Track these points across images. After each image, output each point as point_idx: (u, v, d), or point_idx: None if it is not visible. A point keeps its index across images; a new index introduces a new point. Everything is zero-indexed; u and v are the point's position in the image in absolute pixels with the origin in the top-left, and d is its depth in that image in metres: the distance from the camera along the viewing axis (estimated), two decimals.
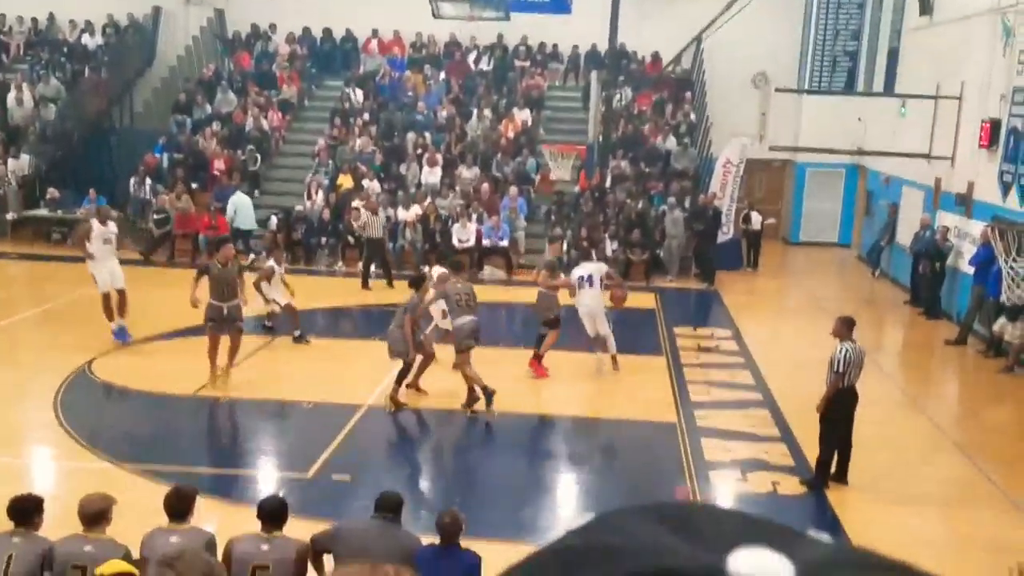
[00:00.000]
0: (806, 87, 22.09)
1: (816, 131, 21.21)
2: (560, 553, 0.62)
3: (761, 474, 8.82)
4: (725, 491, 8.52)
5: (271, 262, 12.29)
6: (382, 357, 12.12)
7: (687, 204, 19.22)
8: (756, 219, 20.38)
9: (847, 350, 8.11)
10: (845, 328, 8.19)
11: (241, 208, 17.96)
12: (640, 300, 16.67)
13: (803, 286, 18.98)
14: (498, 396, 10.70)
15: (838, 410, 8.26)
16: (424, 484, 8.62)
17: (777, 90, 18.33)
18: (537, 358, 11.37)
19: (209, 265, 10.75)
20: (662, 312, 15.80)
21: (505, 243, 18.42)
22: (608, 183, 19.91)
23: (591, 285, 11.44)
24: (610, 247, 18.49)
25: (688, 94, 22.45)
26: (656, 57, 22.91)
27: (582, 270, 11.90)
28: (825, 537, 0.63)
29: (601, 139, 20.04)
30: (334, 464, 8.57)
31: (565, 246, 18.47)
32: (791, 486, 8.58)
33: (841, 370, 8.07)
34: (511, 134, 21.24)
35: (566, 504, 8.28)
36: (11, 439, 8.94)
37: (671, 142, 21.05)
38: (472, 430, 10.12)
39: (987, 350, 13.47)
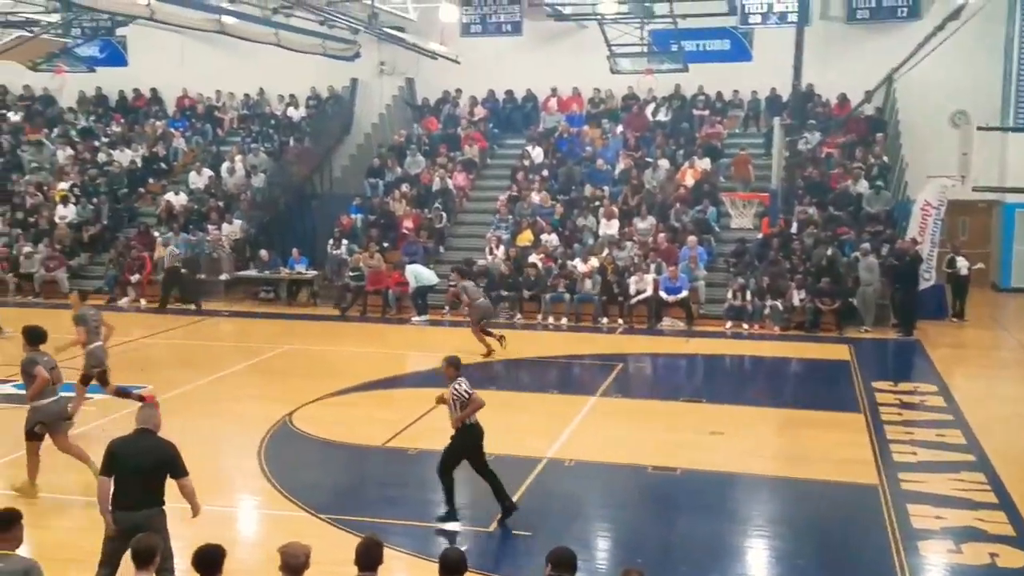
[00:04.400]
0: (1011, 123, 20.51)
1: None
2: None
3: (977, 545, 8.06)
4: (937, 563, 7.81)
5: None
6: (560, 410, 12.21)
7: (883, 250, 18.16)
8: (962, 264, 18.95)
9: (463, 384, 8.38)
10: (453, 368, 8.58)
11: (418, 274, 19.15)
12: (833, 352, 15.85)
13: (1017, 336, 17.34)
14: (680, 451, 10.45)
15: (468, 443, 8.44)
16: (606, 542, 8.44)
17: (979, 128, 17.03)
18: None
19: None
20: (857, 365, 14.89)
21: (685, 294, 18.07)
22: (794, 229, 19.18)
23: None
24: (797, 296, 17.73)
25: (880, 135, 21.38)
26: (844, 99, 22.03)
27: None
28: None
29: (785, 184, 19.39)
30: (515, 518, 8.58)
31: (748, 295, 17.94)
32: (1012, 559, 7.78)
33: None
34: (689, 182, 20.96)
35: (756, 570, 7.84)
36: (218, 487, 9.51)
37: (863, 185, 20.07)
38: (657, 487, 9.85)
39: None
